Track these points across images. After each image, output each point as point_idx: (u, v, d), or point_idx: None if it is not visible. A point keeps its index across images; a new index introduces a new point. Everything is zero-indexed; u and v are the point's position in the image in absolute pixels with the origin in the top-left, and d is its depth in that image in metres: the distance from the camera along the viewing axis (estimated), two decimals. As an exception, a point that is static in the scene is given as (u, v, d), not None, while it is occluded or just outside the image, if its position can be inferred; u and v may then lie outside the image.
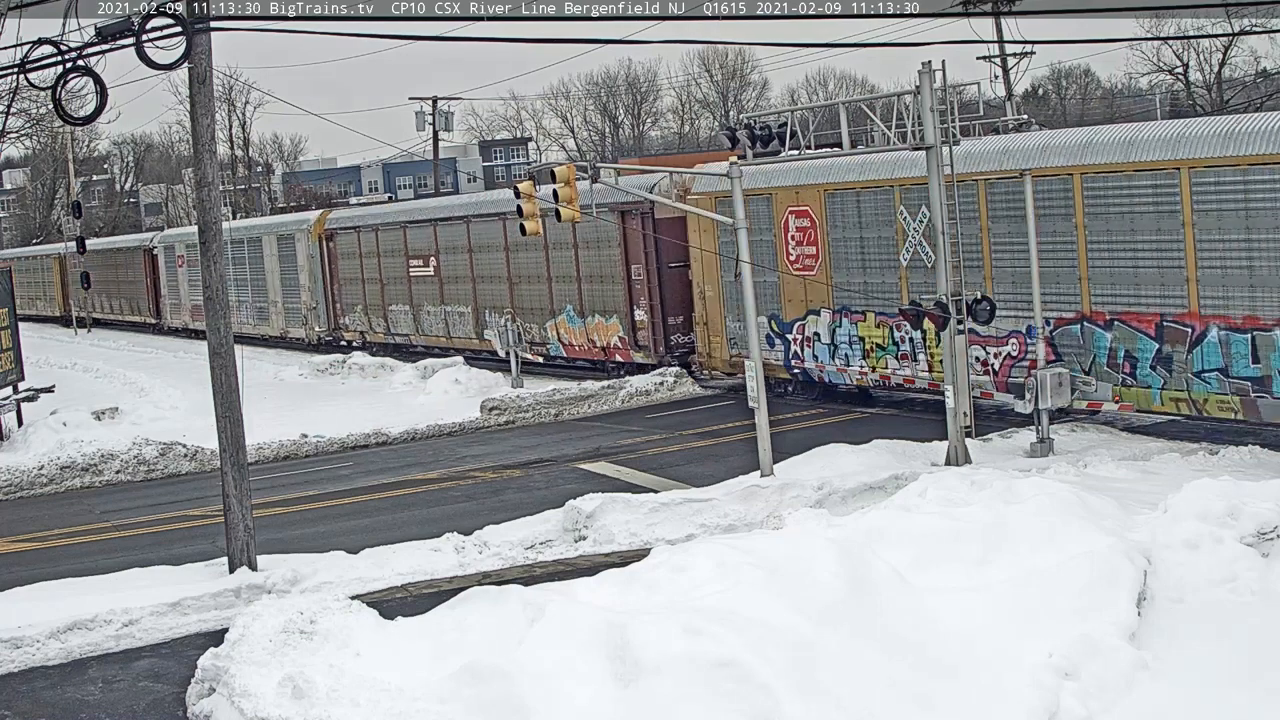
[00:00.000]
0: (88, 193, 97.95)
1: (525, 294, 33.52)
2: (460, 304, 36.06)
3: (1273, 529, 12.97)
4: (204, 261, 16.37)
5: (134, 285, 58.68)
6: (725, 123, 78.32)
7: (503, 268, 34.13)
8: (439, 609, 12.39)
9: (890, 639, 11.20)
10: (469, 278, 35.49)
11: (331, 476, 23.76)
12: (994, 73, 45.27)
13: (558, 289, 32.48)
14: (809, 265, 25.52)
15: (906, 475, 17.92)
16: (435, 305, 37.21)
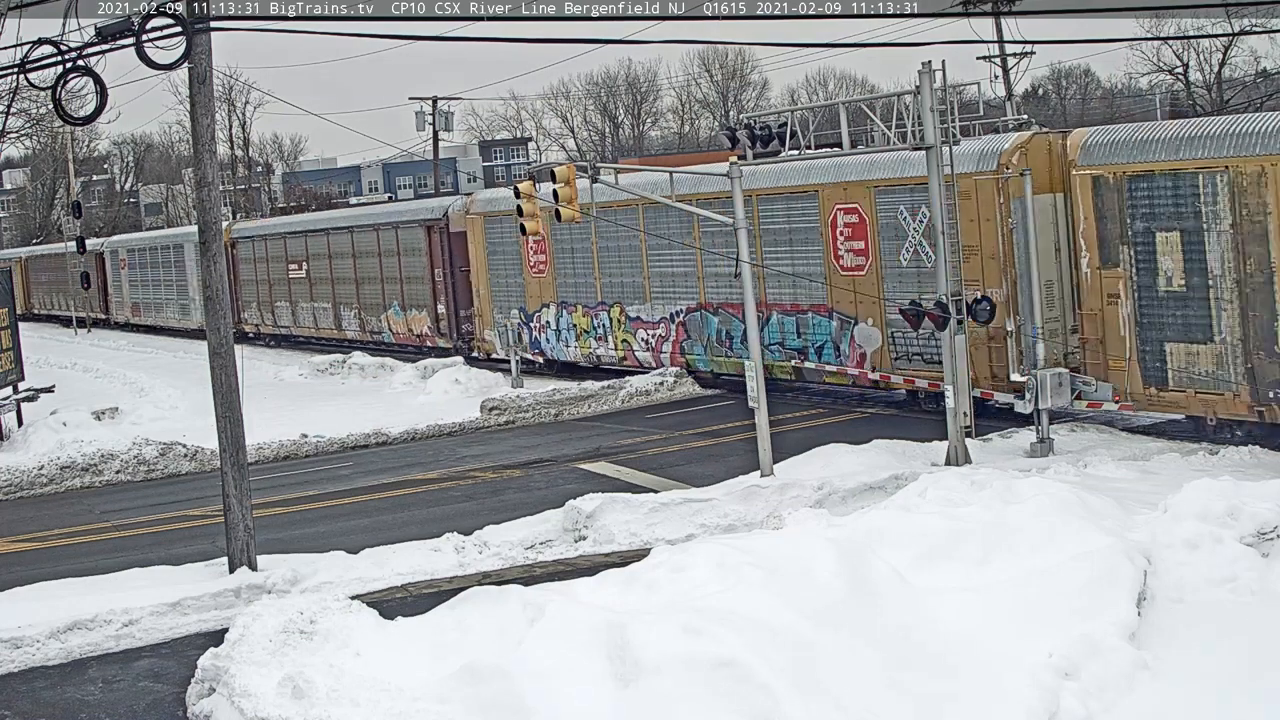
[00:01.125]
0: (88, 193, 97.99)
1: (367, 293, 40.88)
2: (323, 301, 43.06)
3: (1273, 529, 12.97)
4: (204, 261, 16.37)
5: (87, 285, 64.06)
6: (725, 123, 78.35)
7: (351, 271, 41.39)
8: (439, 609, 12.39)
9: (890, 639, 11.20)
10: (328, 279, 42.53)
11: (331, 476, 23.77)
12: (994, 73, 45.29)
13: (388, 289, 39.69)
14: (541, 269, 33.19)
15: (906, 475, 17.92)
16: (307, 302, 44.07)
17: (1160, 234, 20.64)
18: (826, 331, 25.78)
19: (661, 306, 29.81)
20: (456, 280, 36.28)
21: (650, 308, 30.13)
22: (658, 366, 29.64)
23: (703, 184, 26.63)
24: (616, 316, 30.84)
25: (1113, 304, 21.38)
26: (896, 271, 24.13)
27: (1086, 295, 21.69)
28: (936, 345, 21.87)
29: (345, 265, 41.56)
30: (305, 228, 44.65)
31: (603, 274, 31.18)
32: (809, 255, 25.97)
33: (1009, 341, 22.15)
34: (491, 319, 34.67)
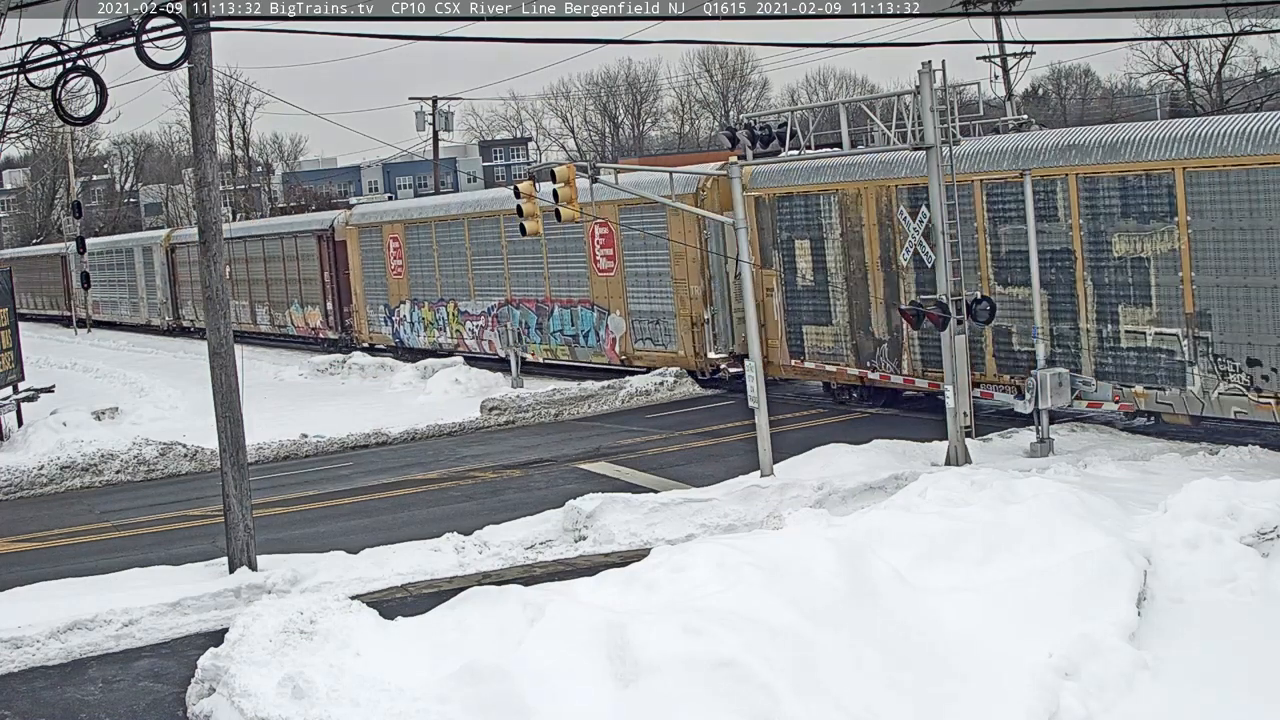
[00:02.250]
0: (88, 193, 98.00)
1: (275, 291, 46.57)
2: (242, 299, 48.10)
3: (1273, 529, 12.97)
4: (204, 261, 16.37)
5: (53, 285, 69.98)
6: (725, 123, 78.37)
7: (263, 274, 47.26)
8: (439, 609, 12.39)
9: (890, 639, 11.20)
10: (246, 280, 47.86)
11: (331, 476, 23.77)
12: (994, 73, 45.32)
13: (290, 289, 45.43)
14: (399, 272, 38.88)
15: (906, 475, 17.92)
16: (240, 300, 48.91)
17: (798, 241, 26.40)
18: (590, 321, 31.83)
19: (482, 302, 35.80)
20: (340, 282, 42.14)
21: (474, 303, 36.11)
22: (480, 352, 35.47)
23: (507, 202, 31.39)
24: (451, 311, 37.12)
25: (770, 296, 26.98)
26: (635, 273, 30.65)
27: (757, 290, 24.38)
28: (665, 331, 29.76)
29: (258, 269, 47.36)
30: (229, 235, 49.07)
31: (442, 276, 37.33)
32: (578, 260, 32.16)
33: (706, 327, 28.78)
34: (366, 314, 41.01)
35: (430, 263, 37.64)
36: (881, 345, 24.72)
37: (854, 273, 25.09)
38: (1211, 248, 19.45)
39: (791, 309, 26.67)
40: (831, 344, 25.86)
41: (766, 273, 26.66)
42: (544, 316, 33.10)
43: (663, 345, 29.68)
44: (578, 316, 32.00)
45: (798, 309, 26.60)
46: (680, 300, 29.36)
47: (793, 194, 25.95)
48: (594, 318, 31.41)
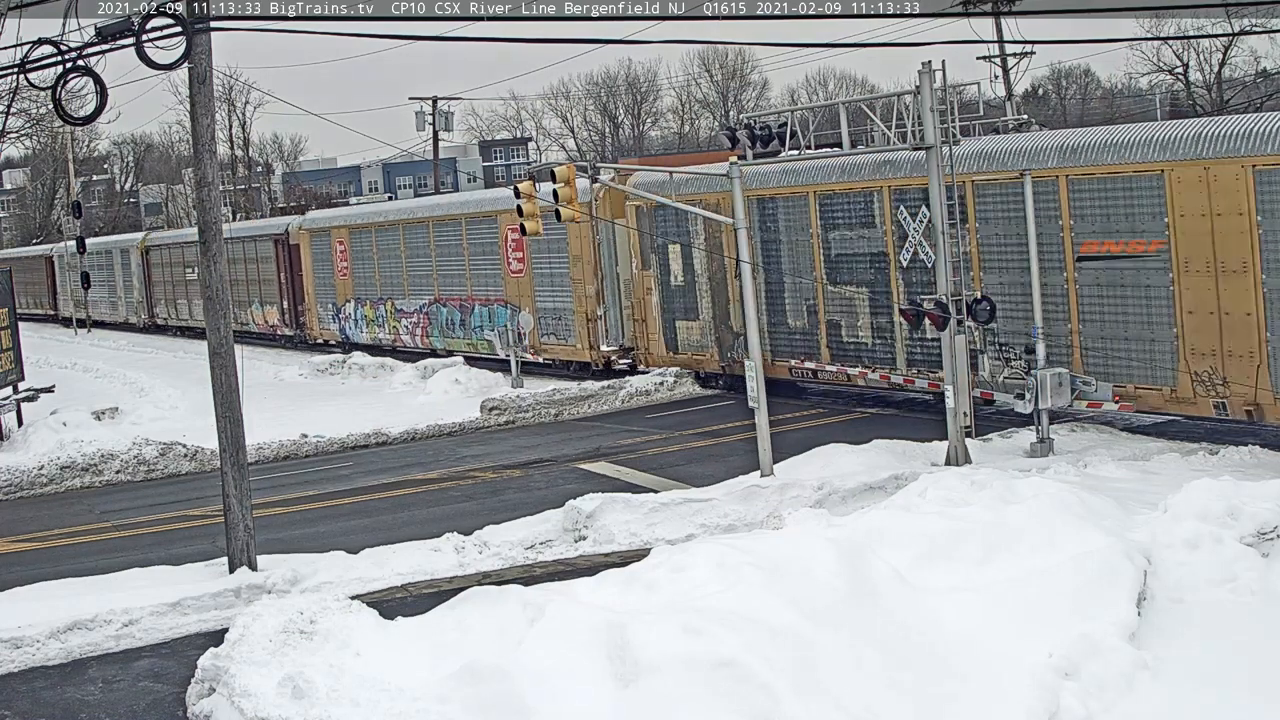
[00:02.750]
0: (88, 193, 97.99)
1: (238, 291, 46.83)
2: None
3: (1273, 529, 12.97)
4: (204, 261, 16.37)
5: (39, 285, 73.71)
6: (725, 123, 78.33)
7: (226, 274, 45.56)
8: (439, 609, 12.39)
9: (890, 639, 11.20)
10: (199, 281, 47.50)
11: (331, 476, 23.76)
12: (994, 73, 45.30)
13: (250, 289, 48.00)
14: (345, 274, 42.35)
15: (906, 475, 17.92)
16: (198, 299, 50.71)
17: (671, 246, 29.56)
18: (504, 318, 34.85)
19: (414, 301, 38.89)
20: (295, 282, 45.18)
21: (408, 302, 39.19)
22: (416, 347, 38.87)
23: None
24: (389, 309, 40.30)
25: (649, 295, 30.36)
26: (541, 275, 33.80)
27: (634, 290, 30.94)
28: (566, 326, 32.75)
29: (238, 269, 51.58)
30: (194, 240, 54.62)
31: (381, 277, 40.52)
32: (494, 263, 35.42)
33: (600, 323, 31.87)
34: (317, 312, 44.42)
35: (371, 265, 40.83)
36: (739, 337, 27.26)
37: (715, 274, 28.32)
38: (995, 251, 22.26)
39: (666, 306, 30.10)
40: (699, 337, 29.30)
41: (646, 274, 30.36)
42: (466, 314, 36.72)
43: (564, 339, 33.06)
44: (494, 314, 35.47)
45: (671, 306, 29.99)
46: (578, 299, 32.36)
47: (666, 204, 27.45)
48: (508, 315, 34.66)
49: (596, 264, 31.66)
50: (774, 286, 27.14)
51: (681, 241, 28.95)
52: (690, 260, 29.00)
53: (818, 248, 25.89)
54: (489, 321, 35.15)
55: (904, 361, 24.45)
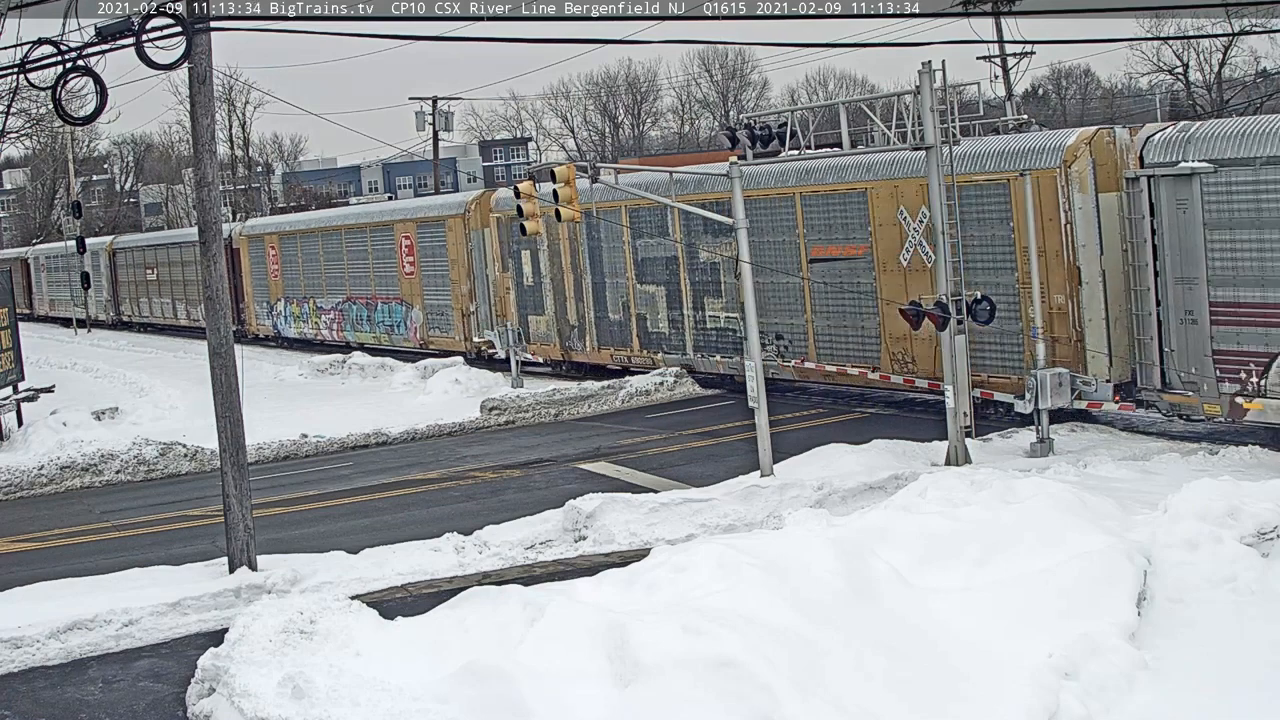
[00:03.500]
0: (88, 193, 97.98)
1: (191, 291, 53.47)
2: (165, 296, 57.25)
3: (1273, 529, 12.97)
4: (204, 261, 16.37)
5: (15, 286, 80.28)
6: (725, 123, 78.33)
7: (180, 275, 55.21)
8: (439, 609, 12.39)
9: (890, 639, 11.20)
10: (167, 281, 56.84)
11: (331, 476, 23.76)
12: (994, 73, 45.35)
13: (191, 289, 52.84)
14: (276, 275, 47.03)
15: (906, 475, 17.92)
16: (157, 297, 58.32)
17: (523, 252, 34.09)
18: (400, 314, 39.69)
19: (331, 299, 43.70)
20: (237, 283, 49.15)
21: (326, 300, 43.97)
22: (333, 340, 43.35)
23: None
24: (311, 306, 45.02)
25: (508, 293, 35.02)
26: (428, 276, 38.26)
27: (496, 289, 35.66)
28: (446, 321, 37.50)
29: (176, 271, 55.72)
30: (152, 243, 60.07)
31: (304, 278, 45.15)
32: (392, 265, 39.77)
33: (473, 317, 36.59)
34: (254, 309, 49.25)
35: (297, 267, 45.54)
36: (574, 329, 32.79)
37: (556, 276, 33.12)
38: (755, 254, 24.04)
39: (521, 303, 34.61)
40: (545, 329, 33.82)
41: (505, 275, 35.00)
42: (372, 310, 41.69)
43: (446, 332, 37.87)
44: (393, 310, 40.38)
45: (524, 303, 34.51)
46: (455, 297, 37.33)
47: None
48: (403, 311, 39.69)
49: (469, 267, 36.58)
50: (598, 286, 31.79)
51: (530, 248, 33.61)
52: (538, 264, 33.72)
53: (629, 254, 30.71)
54: (389, 317, 40.74)
55: (692, 347, 29.41)
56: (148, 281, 58.87)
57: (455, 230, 36.83)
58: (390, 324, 40.43)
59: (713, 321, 28.60)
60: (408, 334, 39.80)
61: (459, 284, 37.04)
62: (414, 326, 39.18)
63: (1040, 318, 20.62)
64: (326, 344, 43.47)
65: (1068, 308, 21.64)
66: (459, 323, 37.19)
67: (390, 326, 40.47)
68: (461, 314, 36.99)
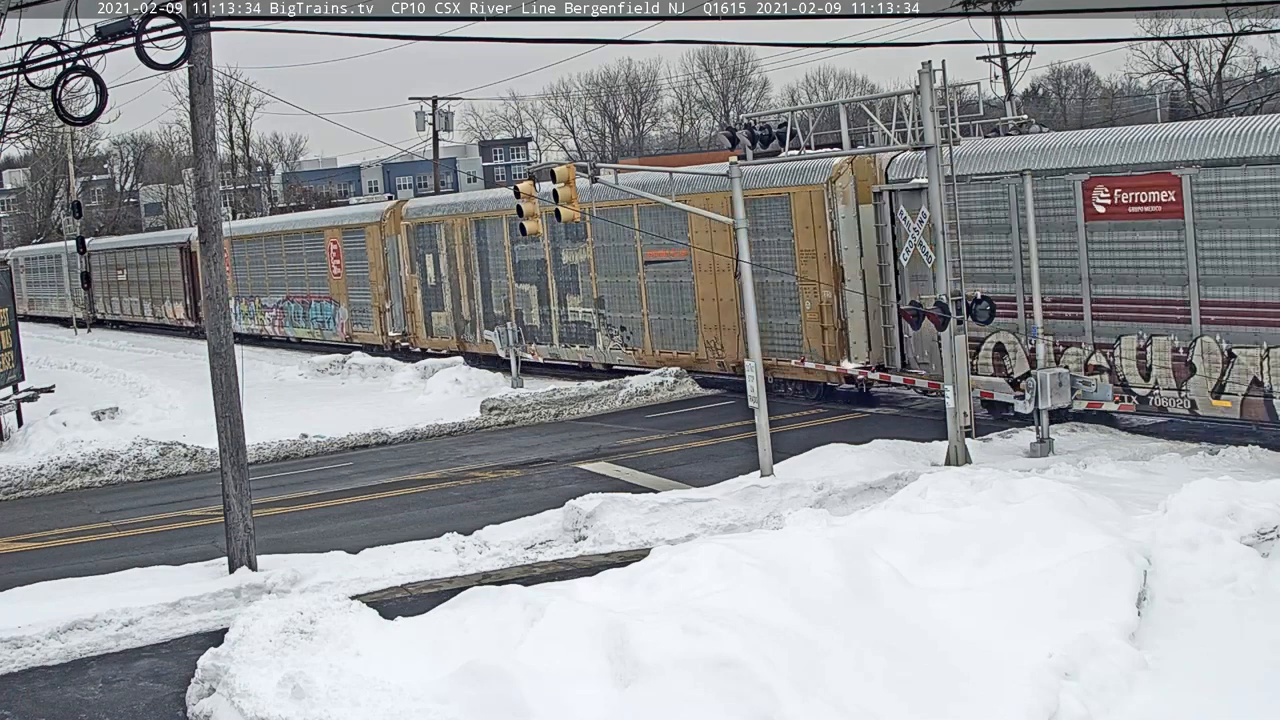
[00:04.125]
0: (88, 193, 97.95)
1: (156, 290, 58.35)
2: (134, 295, 61.33)
3: (1273, 529, 12.97)
4: (204, 261, 16.38)
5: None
6: (725, 123, 78.32)
7: (147, 276, 59.77)
8: (439, 609, 12.39)
9: (890, 639, 11.20)
10: (135, 281, 61.08)
11: (331, 476, 23.76)
12: (994, 73, 45.33)
13: (162, 288, 57.50)
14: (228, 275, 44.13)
15: (906, 475, 17.92)
16: (128, 296, 62.29)
17: (427, 255, 38.31)
18: (330, 311, 43.96)
19: (274, 298, 47.69)
20: (195, 283, 52.24)
21: (269, 299, 47.99)
22: (275, 335, 47.46)
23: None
24: (258, 305, 48.88)
25: (415, 292, 39.06)
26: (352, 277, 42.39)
27: (405, 289, 39.58)
28: (367, 317, 41.47)
29: (143, 272, 59.92)
30: (122, 246, 64.58)
31: (251, 279, 48.97)
32: (323, 267, 44.01)
33: (388, 314, 40.47)
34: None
35: (245, 269, 49.19)
36: (467, 323, 37.05)
37: (454, 277, 37.22)
38: (604, 259, 31.23)
39: (425, 301, 38.73)
40: (445, 324, 38.02)
41: (413, 276, 39.04)
42: (307, 308, 45.49)
43: (367, 327, 41.96)
44: (324, 308, 44.43)
45: (429, 301, 38.62)
46: (374, 295, 41.33)
47: (423, 224, 38.55)
48: (332, 308, 43.85)
49: (385, 269, 40.56)
50: (485, 286, 36.08)
51: (433, 253, 37.99)
52: (439, 267, 37.82)
53: (509, 258, 35.01)
54: (320, 314, 44.82)
55: (558, 338, 33.54)
56: (119, 282, 63.17)
57: (373, 236, 40.97)
58: (322, 320, 44.83)
59: (573, 316, 33.12)
60: (336, 329, 43.72)
61: (377, 284, 41.08)
62: (341, 322, 43.32)
63: (811, 309, 25.99)
64: (271, 339, 47.76)
65: (834, 302, 25.94)
66: (377, 319, 41.34)
67: (322, 323, 44.84)
68: (379, 311, 41.11)
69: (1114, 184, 20.68)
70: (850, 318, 25.73)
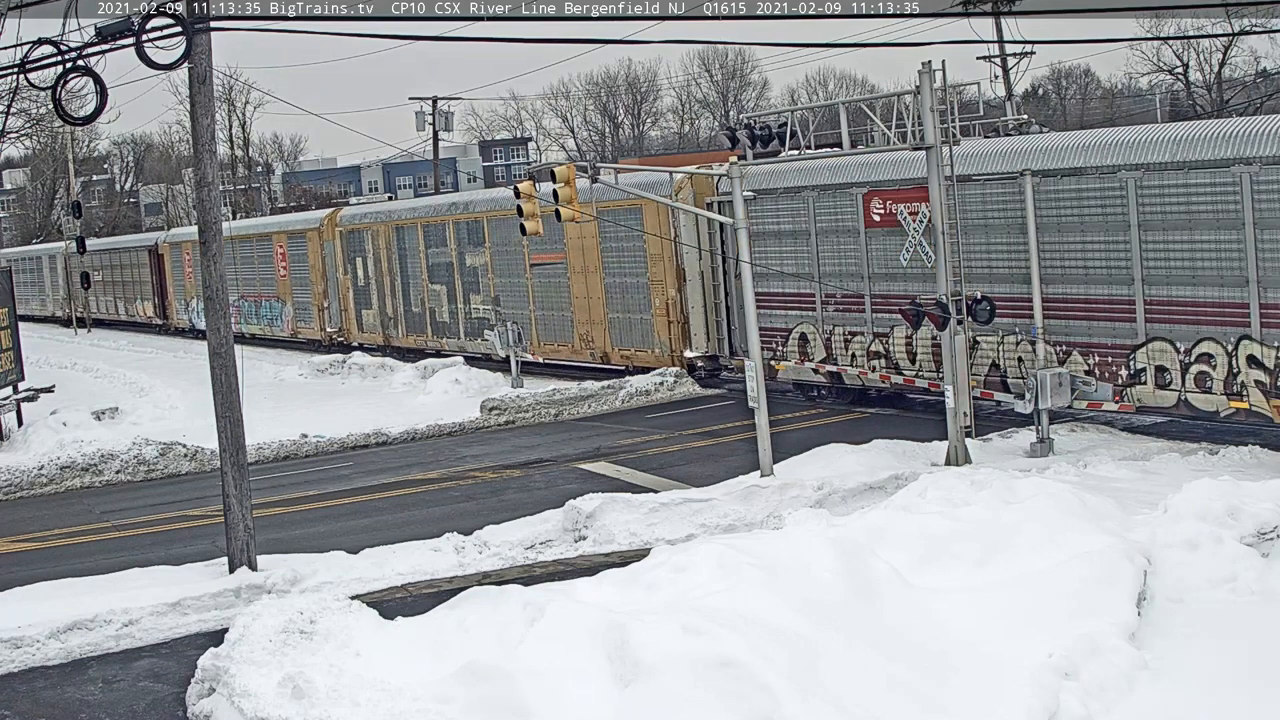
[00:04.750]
0: (88, 193, 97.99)
1: (129, 290, 62.72)
2: (108, 295, 65.20)
3: (1273, 529, 12.98)
4: (204, 261, 16.36)
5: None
6: (725, 123, 78.30)
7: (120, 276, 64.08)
8: (439, 609, 12.39)
9: (890, 639, 11.20)
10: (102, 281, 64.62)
11: (331, 476, 23.76)
12: (994, 73, 45.34)
13: (133, 288, 62.15)
14: (190, 277, 54.10)
15: (906, 475, 17.92)
16: (103, 296, 65.78)
17: (358, 259, 42.47)
18: (277, 310, 47.64)
19: (234, 295, 46.55)
20: (161, 284, 58.45)
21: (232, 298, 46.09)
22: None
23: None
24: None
25: (348, 292, 43.10)
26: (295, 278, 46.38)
27: (340, 288, 43.55)
28: (308, 314, 45.21)
29: (116, 273, 64.21)
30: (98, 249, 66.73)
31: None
32: (271, 269, 47.76)
33: (326, 312, 44.42)
34: (175, 306, 57.40)
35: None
36: (390, 320, 41.09)
37: (379, 277, 41.24)
38: (499, 262, 35.27)
39: (357, 300, 42.82)
40: (373, 320, 42.09)
41: (346, 278, 43.17)
42: (258, 306, 49.10)
43: (309, 323, 45.77)
44: (272, 306, 48.17)
45: (360, 300, 42.75)
46: (314, 295, 45.05)
47: (354, 230, 42.76)
48: (279, 307, 47.58)
49: (323, 270, 44.34)
50: (405, 286, 40.04)
51: (362, 256, 42.12)
52: (368, 269, 41.89)
53: (423, 260, 38.80)
54: (270, 312, 48.63)
55: (463, 333, 37.48)
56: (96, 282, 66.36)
57: (313, 241, 44.79)
58: (270, 317, 48.52)
59: (475, 313, 36.92)
60: (283, 325, 47.48)
61: (316, 285, 44.96)
62: (287, 319, 47.04)
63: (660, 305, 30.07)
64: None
65: (678, 299, 29.96)
66: (317, 316, 45.32)
67: (270, 320, 48.50)
68: (319, 309, 45.13)
69: (885, 196, 24.16)
70: (691, 313, 29.77)
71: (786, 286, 26.15)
